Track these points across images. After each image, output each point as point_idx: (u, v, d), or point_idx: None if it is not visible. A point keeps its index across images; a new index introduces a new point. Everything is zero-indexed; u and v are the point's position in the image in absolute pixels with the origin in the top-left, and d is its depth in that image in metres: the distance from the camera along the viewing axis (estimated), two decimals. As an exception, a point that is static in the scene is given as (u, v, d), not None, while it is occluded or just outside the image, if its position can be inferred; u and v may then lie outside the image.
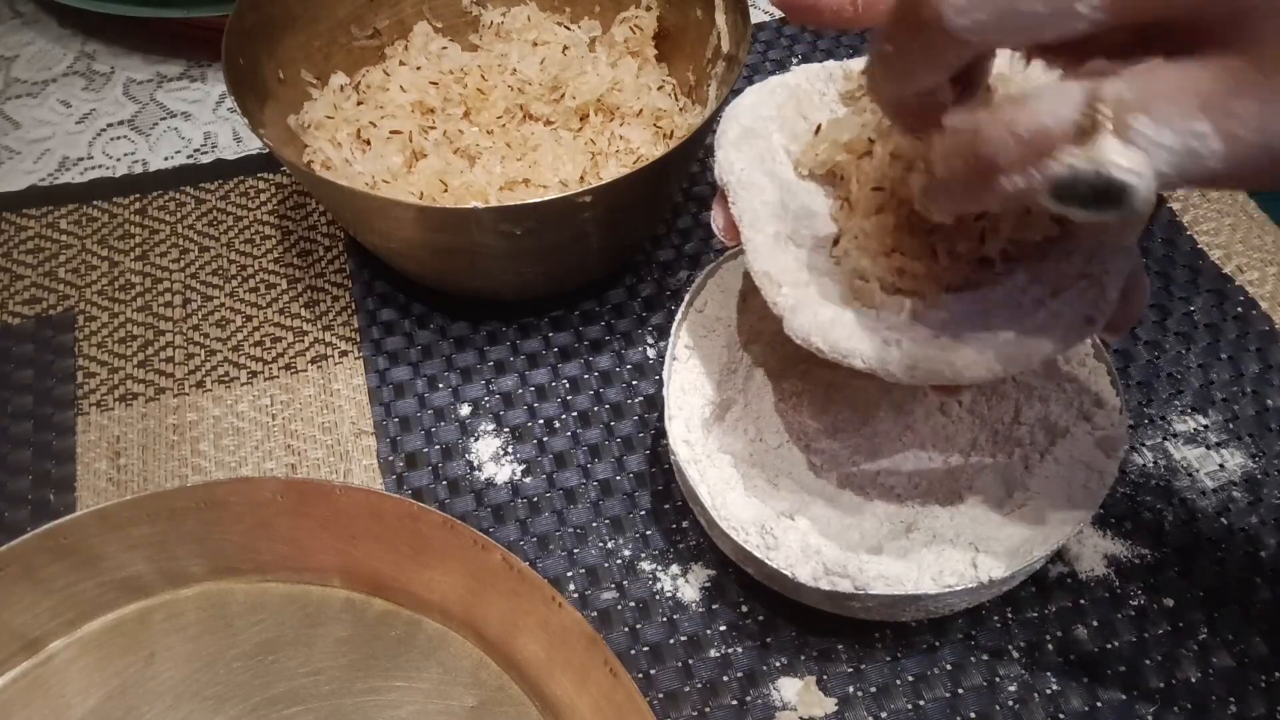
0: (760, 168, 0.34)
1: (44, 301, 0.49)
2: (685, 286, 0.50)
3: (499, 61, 0.51)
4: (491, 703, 0.36)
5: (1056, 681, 0.38)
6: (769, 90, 0.36)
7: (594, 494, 0.43)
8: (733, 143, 0.34)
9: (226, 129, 0.57)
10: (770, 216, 0.33)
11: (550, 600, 0.34)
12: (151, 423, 0.45)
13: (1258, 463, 0.44)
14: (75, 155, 0.56)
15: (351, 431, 0.45)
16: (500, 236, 0.41)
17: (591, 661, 0.33)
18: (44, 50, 0.62)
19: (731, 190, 0.33)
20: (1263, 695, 0.38)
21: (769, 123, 0.35)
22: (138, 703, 0.36)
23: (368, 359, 0.47)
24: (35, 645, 0.37)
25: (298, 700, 0.36)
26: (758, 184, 0.33)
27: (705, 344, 0.41)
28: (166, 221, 0.53)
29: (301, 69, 0.49)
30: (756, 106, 0.35)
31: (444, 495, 0.43)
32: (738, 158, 0.34)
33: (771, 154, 0.35)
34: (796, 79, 0.36)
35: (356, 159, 0.47)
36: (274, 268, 0.51)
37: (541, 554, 0.41)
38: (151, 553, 0.38)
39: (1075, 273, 0.29)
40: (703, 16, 0.50)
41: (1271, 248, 0.51)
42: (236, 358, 0.47)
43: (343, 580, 0.39)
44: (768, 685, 0.38)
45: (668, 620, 0.39)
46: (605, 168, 0.48)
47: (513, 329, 0.48)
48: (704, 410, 0.39)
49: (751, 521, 0.36)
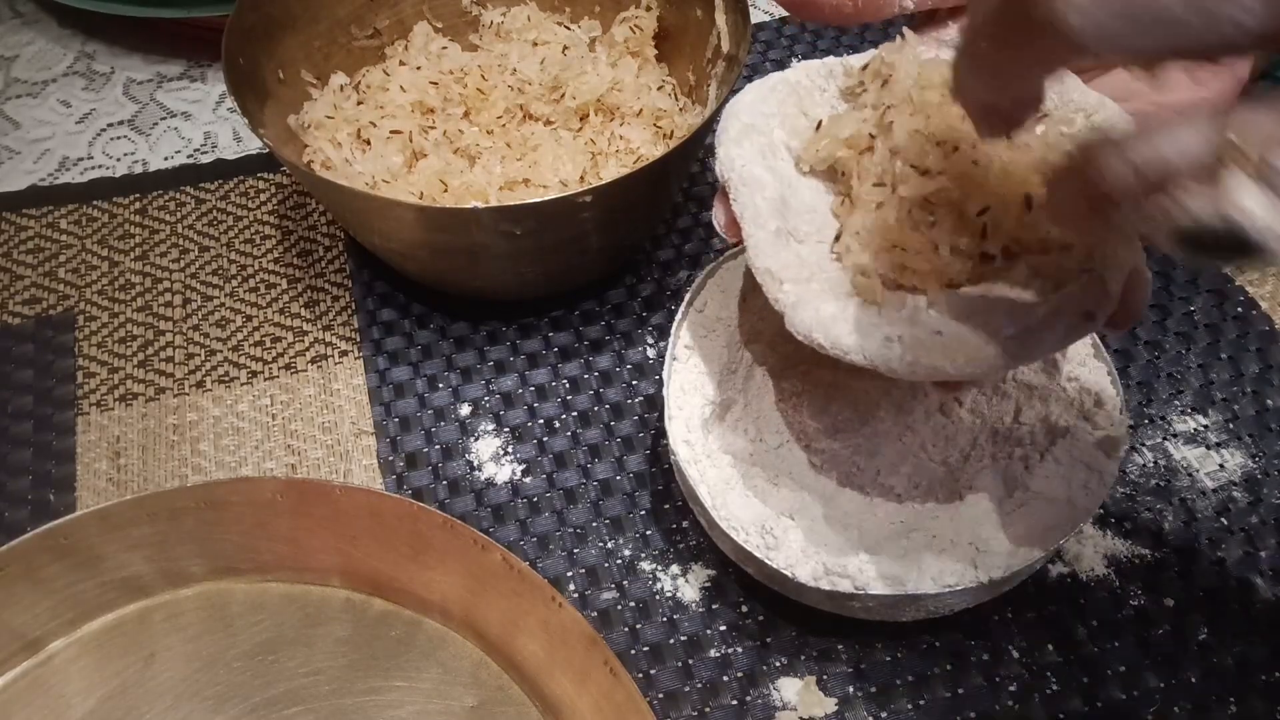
0: (761, 164, 0.34)
1: (44, 301, 0.49)
2: (685, 286, 0.50)
3: (499, 61, 0.51)
4: (491, 703, 0.36)
5: (1056, 682, 0.38)
6: (769, 87, 0.36)
7: (594, 494, 0.43)
8: (734, 139, 0.34)
9: (226, 129, 0.57)
10: (772, 213, 0.33)
11: (550, 600, 0.34)
12: (151, 423, 0.45)
13: (1258, 463, 0.44)
14: (75, 155, 0.56)
15: (351, 431, 0.45)
16: (500, 236, 0.41)
17: (591, 661, 0.33)
18: (44, 50, 0.62)
19: (733, 187, 0.33)
20: (1263, 695, 0.38)
21: (770, 119, 0.35)
22: (138, 703, 0.36)
23: (368, 359, 0.47)
24: (35, 645, 0.37)
25: (298, 700, 0.36)
26: (759, 180, 0.33)
27: (705, 344, 0.41)
28: (166, 221, 0.53)
29: (301, 69, 0.49)
30: (757, 103, 0.35)
31: (444, 495, 0.43)
32: (739, 154, 0.34)
33: (773, 150, 0.35)
34: (797, 75, 0.36)
35: (356, 159, 0.47)
36: (274, 268, 0.51)
37: (541, 554, 0.41)
38: (151, 553, 0.38)
39: (1076, 267, 0.29)
40: (703, 16, 0.50)
41: (1271, 248, 0.51)
42: (236, 358, 0.47)
43: (343, 580, 0.39)
44: (768, 685, 0.38)
45: (668, 620, 0.39)
46: (605, 168, 0.48)
47: (513, 329, 0.48)
48: (704, 410, 0.39)
49: (751, 521, 0.36)
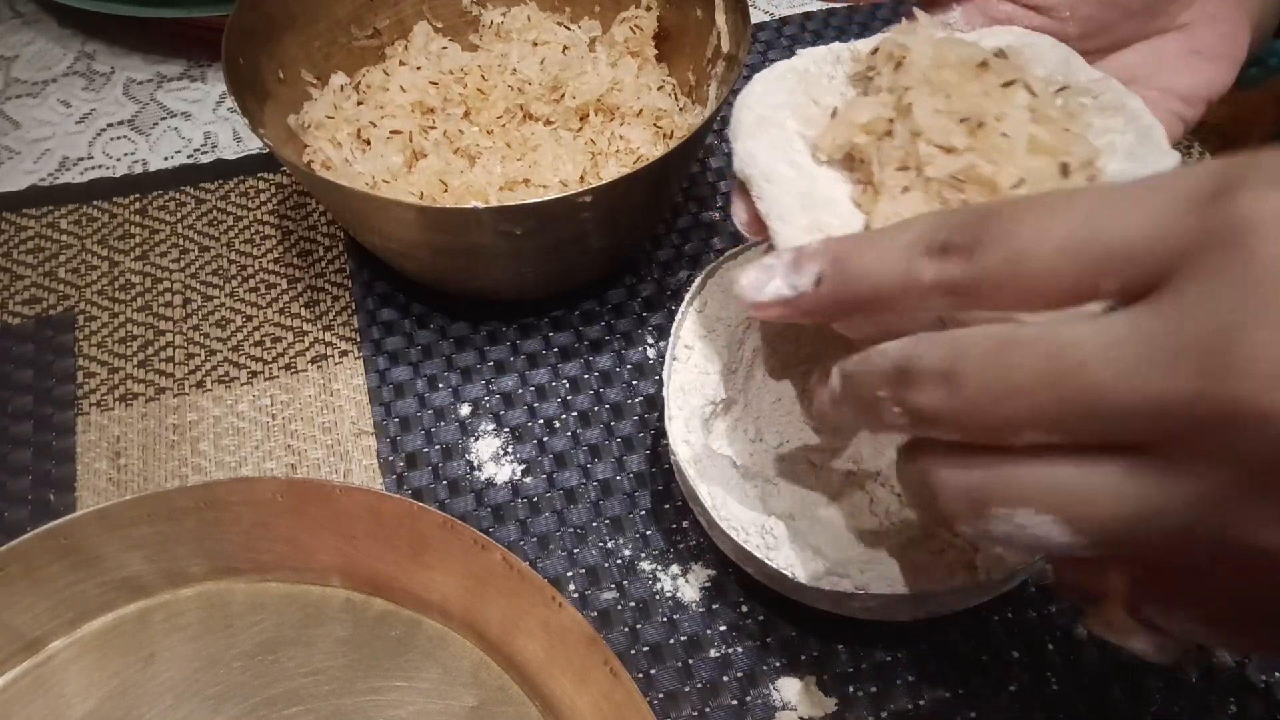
0: (781, 158, 0.33)
1: (44, 301, 0.49)
2: (685, 286, 0.49)
3: (499, 61, 0.51)
4: (491, 703, 0.36)
5: (1057, 682, 0.38)
6: (777, 75, 0.35)
7: (594, 494, 0.43)
8: (749, 133, 0.33)
9: (226, 129, 0.57)
10: (800, 208, 0.32)
11: (550, 600, 0.34)
12: (151, 423, 0.45)
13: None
14: (75, 155, 0.56)
15: (351, 431, 0.45)
16: (500, 236, 0.41)
17: (591, 661, 0.33)
18: (44, 50, 0.62)
19: (755, 184, 0.32)
20: (1262, 695, 0.38)
21: (781, 110, 0.34)
22: (138, 703, 0.36)
23: (368, 359, 0.47)
24: (35, 645, 0.37)
25: (298, 700, 0.36)
26: (782, 175, 0.32)
27: (705, 344, 0.41)
28: (166, 221, 0.53)
29: (301, 69, 0.49)
30: (767, 94, 0.34)
31: (444, 495, 0.43)
32: (758, 149, 0.33)
33: (788, 142, 0.33)
34: (804, 63, 0.35)
35: (356, 159, 0.47)
36: (274, 268, 0.51)
37: (541, 554, 0.41)
38: (151, 553, 0.38)
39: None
40: (703, 16, 0.50)
41: (1271, 248, 0.51)
42: (236, 358, 0.47)
43: (343, 580, 0.39)
44: (768, 685, 0.38)
45: (668, 620, 0.39)
46: (605, 168, 0.48)
47: (513, 329, 0.48)
48: (704, 410, 0.39)
49: (751, 521, 0.36)
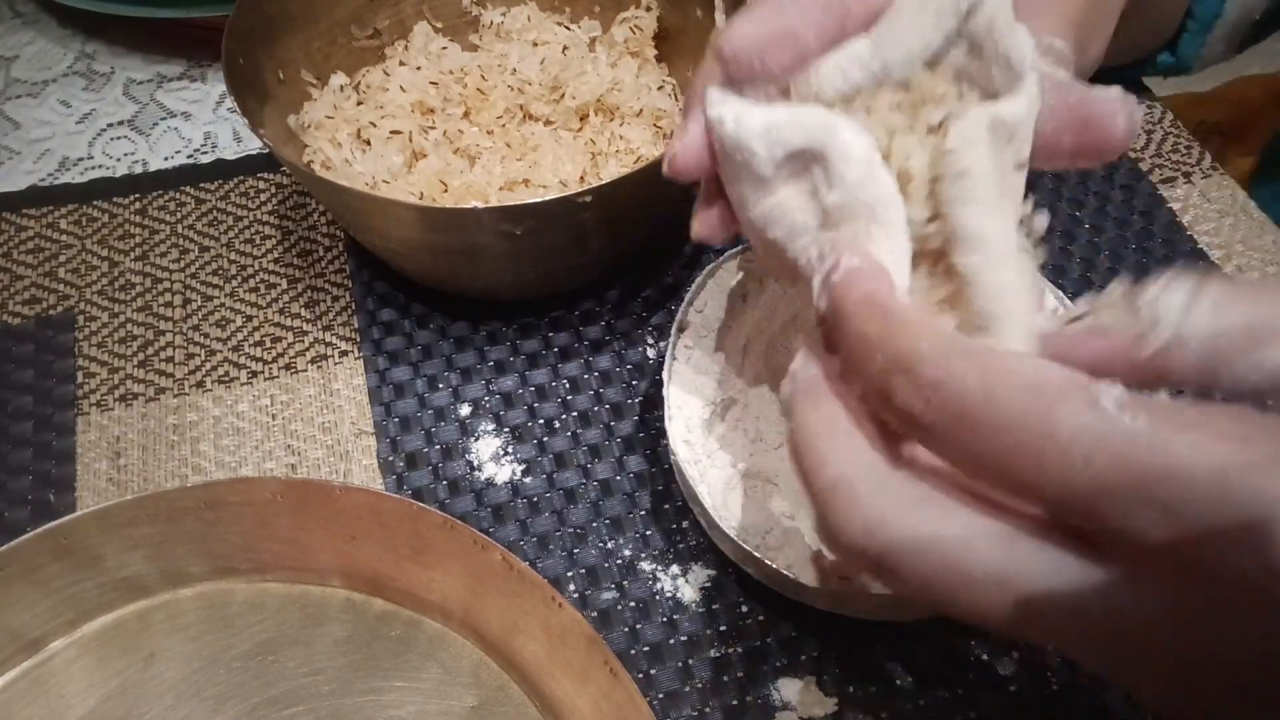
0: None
1: (44, 301, 0.49)
2: (685, 286, 0.49)
3: (499, 61, 0.51)
4: (491, 703, 0.36)
5: (1057, 682, 0.38)
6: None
7: (594, 494, 0.43)
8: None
9: (226, 129, 0.57)
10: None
11: (550, 600, 0.34)
12: (151, 423, 0.45)
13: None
14: (75, 155, 0.56)
15: (351, 431, 0.45)
16: (500, 236, 0.41)
17: (591, 661, 0.33)
18: (44, 50, 0.62)
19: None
20: (1263, 695, 0.37)
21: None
22: (138, 703, 0.36)
23: (368, 359, 0.47)
24: (35, 645, 0.37)
25: (298, 700, 0.36)
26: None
27: (705, 344, 0.41)
28: (166, 221, 0.53)
29: (301, 69, 0.49)
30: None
31: (444, 495, 0.43)
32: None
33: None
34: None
35: (356, 159, 0.47)
36: (274, 268, 0.51)
37: (541, 554, 0.41)
38: (151, 553, 0.38)
39: None
40: (703, 16, 0.50)
41: (1271, 248, 0.51)
42: (236, 358, 0.47)
43: (343, 580, 0.39)
44: (768, 685, 0.38)
45: (668, 620, 0.39)
46: (605, 168, 0.48)
47: (513, 329, 0.48)
48: (704, 410, 0.39)
49: (751, 522, 0.36)
